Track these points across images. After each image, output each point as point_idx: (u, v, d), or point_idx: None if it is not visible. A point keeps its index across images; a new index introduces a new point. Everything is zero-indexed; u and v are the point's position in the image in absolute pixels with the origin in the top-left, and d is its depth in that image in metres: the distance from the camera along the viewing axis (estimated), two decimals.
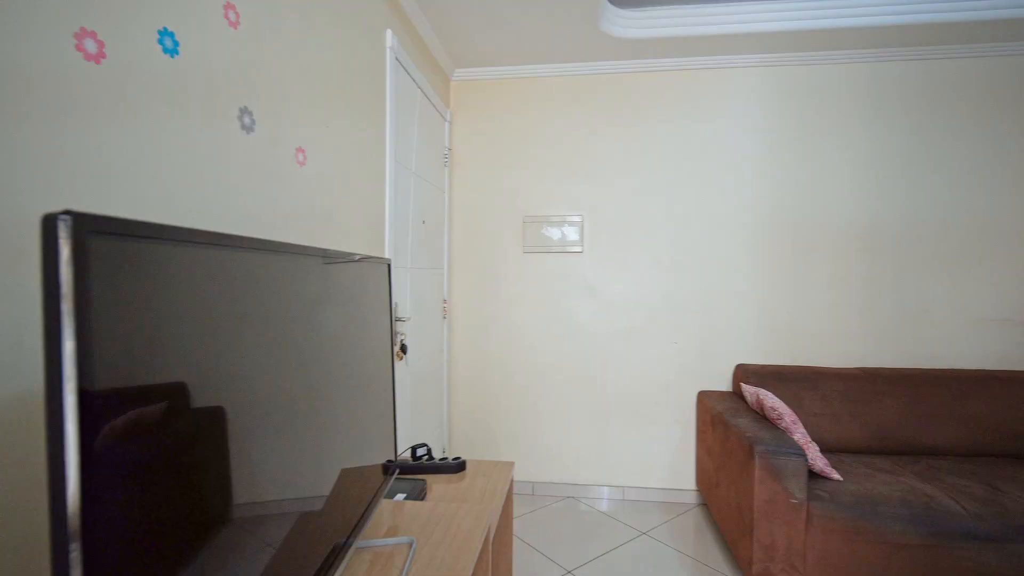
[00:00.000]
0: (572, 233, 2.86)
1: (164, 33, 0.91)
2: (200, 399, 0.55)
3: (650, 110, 2.82)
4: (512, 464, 1.71)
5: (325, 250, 0.95)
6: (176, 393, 0.51)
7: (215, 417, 0.58)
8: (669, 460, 2.82)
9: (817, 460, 2.02)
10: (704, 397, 2.64)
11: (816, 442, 2.44)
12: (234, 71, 1.09)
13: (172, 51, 0.92)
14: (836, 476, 2.02)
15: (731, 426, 2.15)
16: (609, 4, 2.42)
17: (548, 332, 2.89)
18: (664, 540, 2.39)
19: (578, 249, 2.86)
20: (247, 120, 1.12)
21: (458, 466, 1.59)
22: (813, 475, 2.04)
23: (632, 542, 2.37)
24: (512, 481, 1.74)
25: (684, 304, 2.81)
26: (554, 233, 2.87)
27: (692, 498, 2.81)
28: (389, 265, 1.38)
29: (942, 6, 2.32)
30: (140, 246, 0.46)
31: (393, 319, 1.95)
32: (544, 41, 2.56)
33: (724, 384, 2.79)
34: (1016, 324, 2.61)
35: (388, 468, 1.37)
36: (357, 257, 1.14)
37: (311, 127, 1.39)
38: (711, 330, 2.79)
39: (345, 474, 1.01)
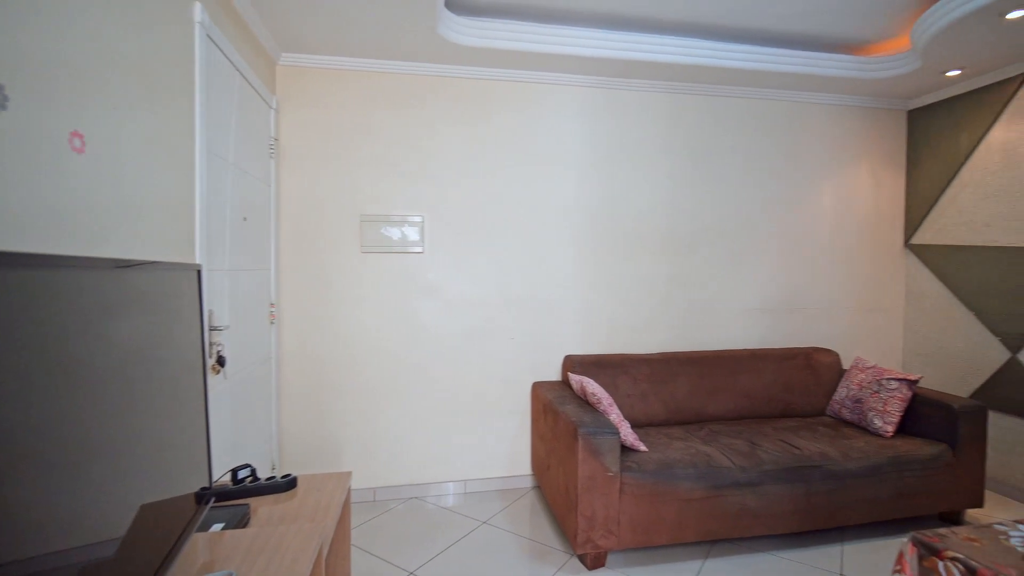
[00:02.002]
0: (413, 233, 2.85)
1: None
2: None
3: (490, 116, 2.93)
4: (349, 474, 1.66)
5: (96, 259, 0.82)
6: None
7: None
8: (508, 449, 2.99)
9: (628, 436, 2.32)
10: (538, 388, 2.85)
11: (628, 419, 2.80)
12: None
13: None
14: (643, 448, 2.35)
15: (559, 412, 2.37)
16: (445, 9, 2.46)
17: (389, 334, 2.84)
18: (503, 526, 2.53)
19: (419, 249, 2.86)
20: None
21: (287, 484, 1.49)
22: (625, 449, 2.34)
23: (473, 533, 2.47)
24: (350, 491, 1.69)
25: (521, 302, 2.99)
26: (394, 233, 2.83)
27: (528, 482, 3.02)
28: (199, 271, 1.23)
29: (719, 54, 2.82)
30: None
31: (207, 329, 1.74)
32: (380, 37, 2.50)
33: (555, 374, 3.05)
34: (763, 312, 3.31)
35: (202, 497, 1.23)
36: (154, 263, 1.00)
37: (94, 108, 1.18)
38: (544, 325, 3.02)
39: (146, 510, 0.89)
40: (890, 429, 2.61)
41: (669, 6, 2.51)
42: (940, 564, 0.95)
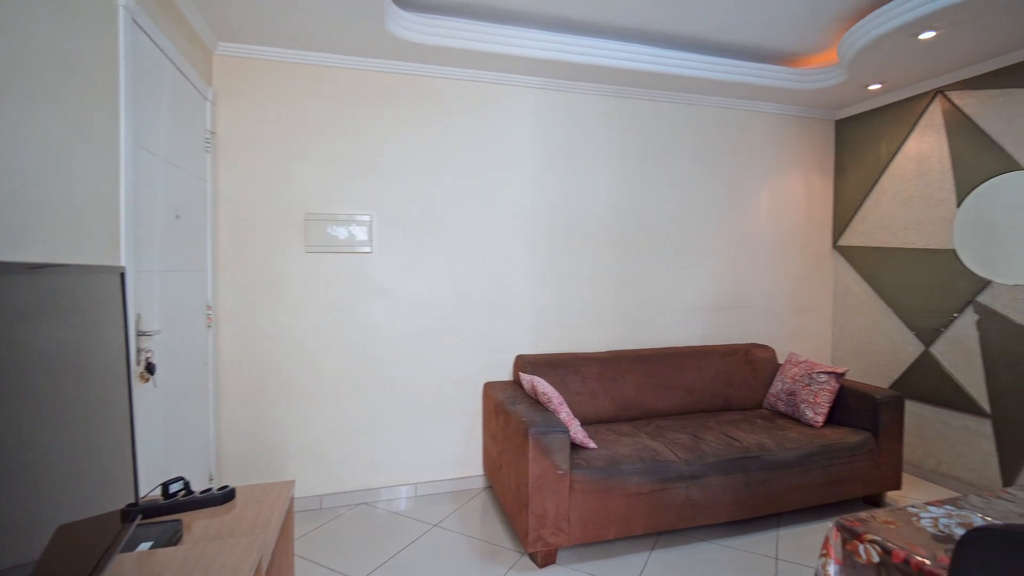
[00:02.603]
0: (361, 233, 2.78)
1: None
2: None
3: (442, 114, 2.90)
4: (292, 483, 1.60)
5: (5, 263, 0.76)
6: None
7: None
8: (460, 451, 2.98)
9: (578, 434, 2.36)
10: (489, 388, 2.85)
11: (578, 417, 2.84)
12: None
13: None
14: (592, 445, 2.39)
15: (510, 412, 2.38)
16: (394, 5, 2.42)
17: (337, 336, 2.76)
18: (454, 528, 2.52)
19: (367, 249, 2.79)
20: None
21: (224, 496, 1.42)
22: (575, 447, 2.38)
23: (424, 536, 2.44)
24: (293, 500, 1.64)
25: (473, 302, 2.98)
26: (341, 232, 2.75)
27: (481, 483, 3.01)
28: (123, 274, 1.15)
29: (664, 60, 2.91)
30: None
31: (133, 335, 1.64)
32: (326, 30, 2.42)
33: (507, 374, 3.06)
34: (707, 310, 3.45)
35: (128, 514, 1.16)
36: (68, 265, 0.93)
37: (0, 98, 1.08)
38: (496, 325, 3.02)
39: (64, 531, 0.83)
40: (820, 420, 2.78)
41: (617, 12, 2.56)
42: (860, 547, 1.02)
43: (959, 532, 1.02)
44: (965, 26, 2.37)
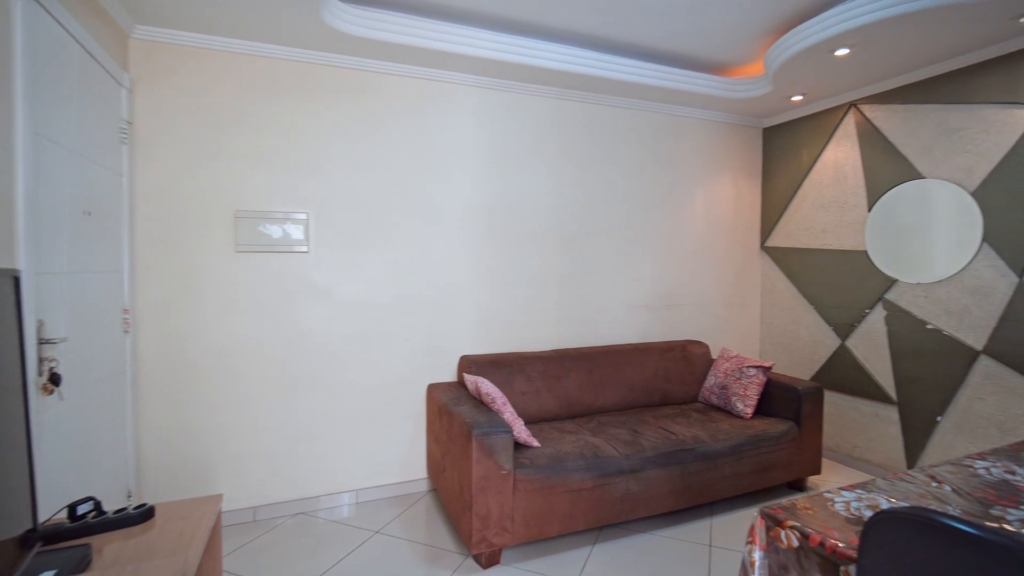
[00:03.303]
0: (296, 231, 2.67)
1: None
2: None
3: (383, 111, 2.83)
4: (219, 497, 1.51)
5: None
6: None
7: None
8: (403, 454, 2.92)
9: (522, 433, 2.37)
10: (433, 390, 2.81)
11: (522, 416, 2.86)
12: None
13: None
14: (536, 444, 2.41)
15: (454, 414, 2.35)
16: None
17: (271, 339, 2.64)
18: (397, 534, 2.47)
19: (304, 249, 2.68)
20: None
21: (142, 516, 1.32)
22: (519, 446, 2.39)
23: (365, 544, 2.37)
24: (220, 515, 1.54)
25: (416, 303, 2.93)
26: (274, 231, 2.62)
27: (424, 486, 2.97)
28: (17, 277, 1.04)
29: (604, 65, 2.97)
30: None
31: (32, 343, 1.49)
32: (257, 18, 2.30)
33: (452, 375, 3.03)
34: (646, 308, 3.57)
35: (27, 541, 1.05)
36: None
37: None
38: (440, 326, 2.99)
39: None
40: (749, 411, 2.94)
41: (561, 16, 2.59)
42: (782, 533, 1.08)
43: (868, 514, 1.11)
44: (874, 45, 2.57)
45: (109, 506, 1.71)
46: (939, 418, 2.84)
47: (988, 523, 1.07)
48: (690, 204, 3.68)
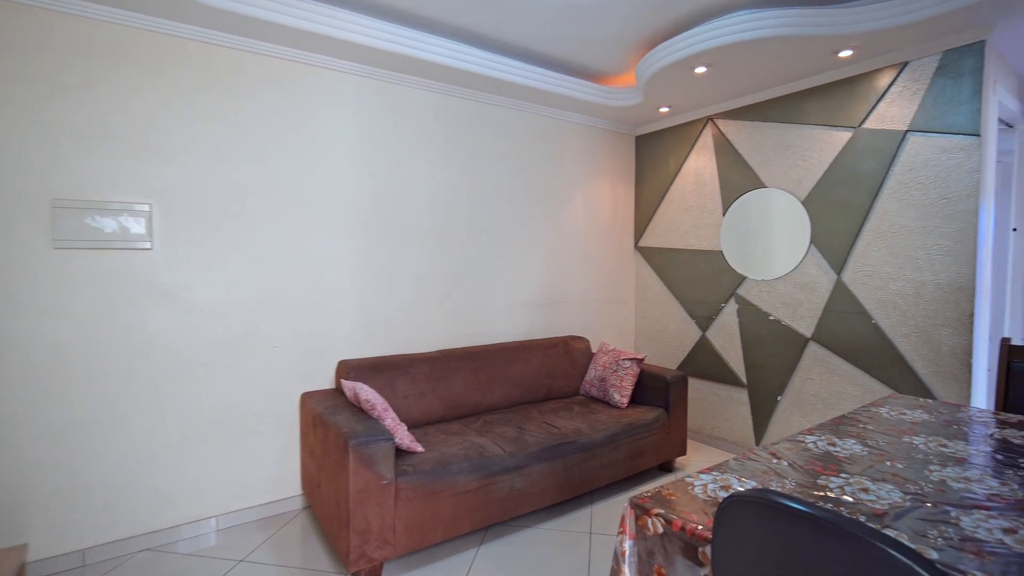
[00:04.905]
0: (136, 225, 2.30)
1: None
2: None
3: (251, 94, 2.54)
4: (23, 548, 1.25)
5: None
6: None
7: None
8: (274, 471, 2.67)
9: (405, 439, 2.28)
10: (307, 399, 2.60)
11: (406, 420, 2.76)
12: None
13: None
14: (419, 449, 2.33)
15: (330, 424, 2.19)
16: None
17: (105, 351, 2.25)
18: (265, 560, 2.24)
19: (146, 245, 2.33)
20: None
21: None
22: (402, 452, 2.30)
23: None
24: (24, 567, 1.27)
25: (288, 305, 2.69)
26: (107, 224, 2.24)
27: (299, 503, 2.75)
28: None
29: (489, 64, 2.96)
30: None
31: None
32: None
33: (328, 383, 2.83)
34: (531, 305, 3.65)
35: None
36: None
37: None
38: (316, 329, 2.77)
39: None
40: (625, 401, 3.12)
41: (445, 8, 2.52)
42: (649, 521, 1.13)
43: (722, 495, 1.20)
44: (725, 66, 2.85)
45: None
46: (779, 398, 3.25)
47: (817, 492, 1.21)
48: (571, 205, 3.82)
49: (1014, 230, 3.16)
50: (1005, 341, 1.97)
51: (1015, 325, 3.24)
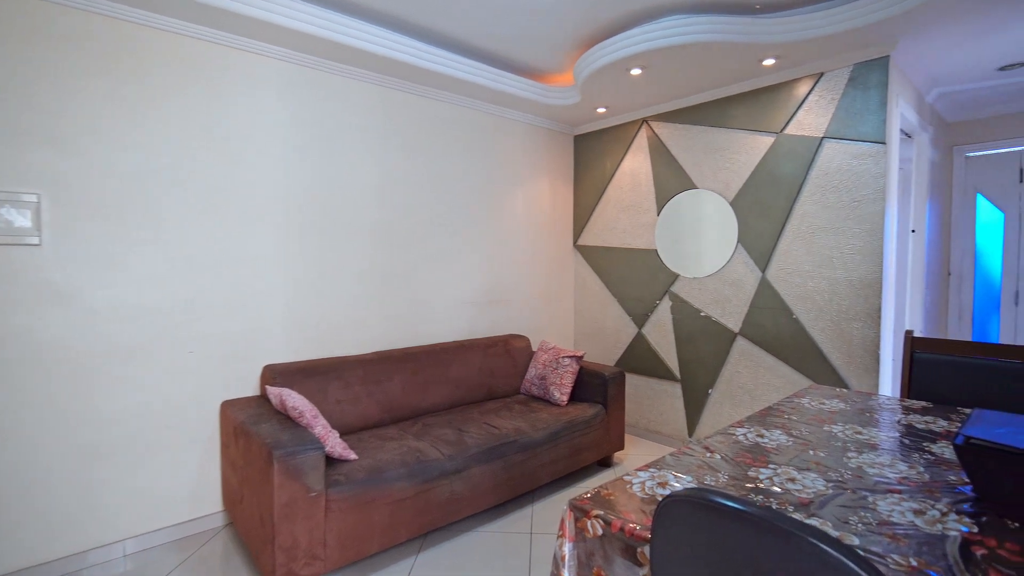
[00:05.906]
0: (21, 218, 2.04)
1: None
2: None
3: (163, 75, 2.31)
4: None
5: None
6: None
7: None
8: (191, 487, 2.46)
9: (336, 447, 2.16)
10: (228, 407, 2.41)
11: (340, 427, 2.63)
12: None
13: None
14: (353, 456, 2.22)
15: (252, 434, 2.04)
16: None
17: None
18: None
19: (33, 240, 2.06)
20: None
21: None
22: (334, 461, 2.17)
23: None
24: None
25: (205, 306, 2.48)
26: None
27: (220, 520, 2.55)
28: None
29: (426, 56, 2.86)
30: None
31: None
32: None
33: (253, 390, 2.64)
34: (471, 304, 3.59)
35: None
36: None
37: None
38: (239, 332, 2.58)
39: None
40: (565, 399, 3.14)
41: None
42: (588, 523, 1.11)
43: (660, 492, 1.20)
44: (657, 69, 2.92)
45: None
46: (710, 391, 3.38)
47: (748, 485, 1.24)
48: (512, 203, 3.80)
49: (913, 231, 3.46)
50: (908, 333, 2.13)
51: (914, 318, 3.55)
